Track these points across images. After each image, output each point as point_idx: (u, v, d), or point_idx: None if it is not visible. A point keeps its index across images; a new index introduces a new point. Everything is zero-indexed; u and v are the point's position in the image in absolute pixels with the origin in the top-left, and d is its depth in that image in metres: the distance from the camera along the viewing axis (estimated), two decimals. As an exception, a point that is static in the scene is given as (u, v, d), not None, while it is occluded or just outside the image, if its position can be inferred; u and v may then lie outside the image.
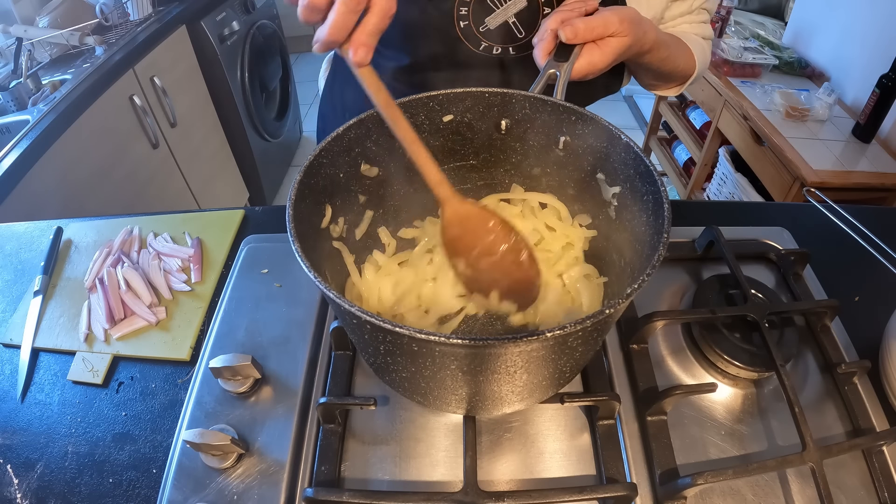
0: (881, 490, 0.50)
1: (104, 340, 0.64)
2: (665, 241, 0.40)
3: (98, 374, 0.60)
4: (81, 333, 0.65)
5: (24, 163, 1.18)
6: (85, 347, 0.63)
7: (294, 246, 0.40)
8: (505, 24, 0.67)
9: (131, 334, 0.64)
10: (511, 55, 0.69)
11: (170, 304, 0.68)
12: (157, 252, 0.73)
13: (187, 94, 1.85)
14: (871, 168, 1.55)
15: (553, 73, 0.56)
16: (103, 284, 0.68)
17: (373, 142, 0.54)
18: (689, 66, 0.73)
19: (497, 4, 0.65)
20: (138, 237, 0.76)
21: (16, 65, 1.43)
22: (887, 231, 0.71)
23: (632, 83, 0.83)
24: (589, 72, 0.57)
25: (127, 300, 0.67)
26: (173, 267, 0.72)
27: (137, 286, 0.68)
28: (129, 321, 0.65)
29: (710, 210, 0.88)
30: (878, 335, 0.60)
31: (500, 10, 0.65)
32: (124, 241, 0.75)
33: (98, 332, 0.65)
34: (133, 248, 0.75)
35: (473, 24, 0.67)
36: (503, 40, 0.68)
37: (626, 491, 0.47)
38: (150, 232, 0.77)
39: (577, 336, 0.38)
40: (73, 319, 0.67)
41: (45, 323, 0.67)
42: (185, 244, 0.75)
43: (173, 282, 0.70)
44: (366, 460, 0.52)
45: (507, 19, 0.66)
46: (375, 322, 0.35)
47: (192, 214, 0.80)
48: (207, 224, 0.77)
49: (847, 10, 1.82)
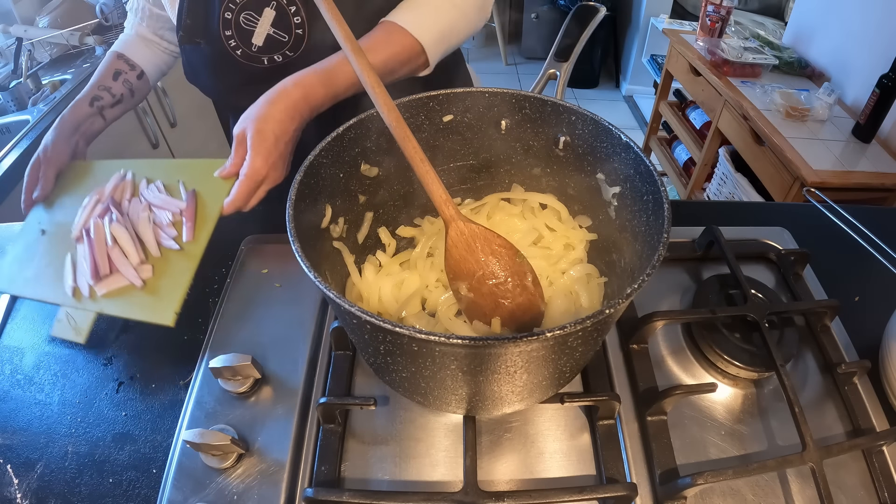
0: (881, 490, 0.50)
1: (89, 296, 0.61)
2: (665, 240, 0.40)
3: (81, 333, 0.58)
4: (68, 287, 0.62)
5: (24, 163, 1.17)
6: (72, 302, 0.60)
7: (294, 246, 0.40)
8: (269, 36, 0.73)
9: (116, 292, 0.61)
10: (291, 56, 0.74)
11: (157, 262, 0.63)
12: (148, 203, 0.68)
13: (187, 94, 1.84)
14: (871, 168, 1.55)
15: (553, 73, 0.56)
16: (89, 237, 0.64)
17: (372, 142, 0.54)
18: (408, 48, 0.68)
19: (252, 25, 0.72)
20: (131, 183, 0.71)
21: (16, 65, 1.43)
22: (887, 231, 0.71)
23: (632, 83, 0.83)
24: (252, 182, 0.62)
25: (113, 257, 0.63)
26: (164, 220, 0.65)
27: (125, 244, 0.64)
28: (115, 278, 0.62)
29: (710, 210, 0.88)
30: (878, 335, 0.60)
31: (258, 29, 0.72)
32: (116, 186, 0.70)
33: (84, 288, 0.62)
34: (125, 195, 0.70)
35: (245, 47, 0.73)
36: (276, 49, 0.73)
37: (626, 491, 0.47)
38: (143, 178, 0.71)
39: (577, 336, 0.38)
40: (60, 270, 0.64)
41: (31, 271, 0.64)
42: (178, 195, 0.68)
43: (163, 238, 0.64)
44: (366, 460, 0.52)
45: (268, 31, 0.72)
46: (375, 322, 0.35)
47: (191, 161, 0.72)
48: (206, 173, 0.68)
49: (847, 10, 1.82)
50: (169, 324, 0.57)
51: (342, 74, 0.64)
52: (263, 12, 0.71)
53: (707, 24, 2.14)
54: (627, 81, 3.29)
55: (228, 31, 0.73)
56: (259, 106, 0.62)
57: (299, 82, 0.63)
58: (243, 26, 0.72)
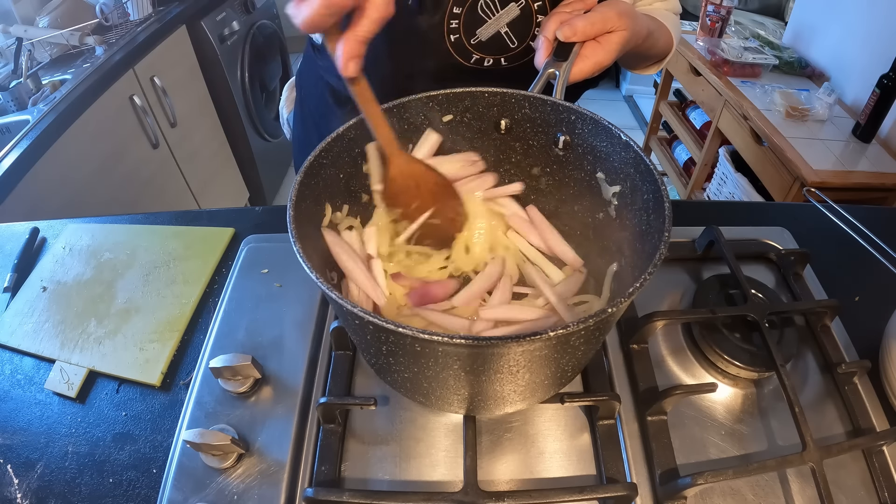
0: (881, 490, 0.50)
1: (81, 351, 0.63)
2: (666, 239, 0.40)
3: (73, 388, 0.60)
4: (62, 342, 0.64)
5: (24, 163, 1.18)
6: (64, 356, 0.63)
7: (296, 247, 0.40)
8: (497, 34, 0.65)
9: None
10: (503, 66, 0.67)
11: None
12: None
13: (187, 94, 1.85)
14: (871, 168, 1.55)
15: (552, 73, 0.56)
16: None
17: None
18: (668, 44, 0.74)
19: (489, 15, 0.63)
20: None
21: (16, 65, 1.43)
22: (887, 231, 0.71)
23: (632, 83, 0.84)
24: (595, 71, 0.57)
25: None
26: None
27: None
28: None
29: (710, 210, 0.88)
30: (878, 335, 0.60)
31: (492, 21, 0.63)
32: None
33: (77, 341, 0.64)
34: None
35: (464, 36, 0.64)
36: (495, 51, 0.66)
37: (626, 491, 0.47)
38: None
39: (579, 335, 0.38)
40: (58, 326, 0.66)
41: (30, 326, 0.66)
42: None
43: None
44: (366, 460, 0.52)
45: (500, 29, 0.64)
46: (378, 322, 0.35)
47: (181, 229, 0.78)
48: (194, 242, 0.76)
49: (847, 10, 1.82)
50: (155, 383, 0.60)
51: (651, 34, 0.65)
52: (508, 6, 0.63)
53: (707, 24, 2.14)
54: (627, 81, 3.29)
55: (459, 8, 0.62)
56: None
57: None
58: (478, 13, 0.63)
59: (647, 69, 0.81)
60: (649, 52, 0.72)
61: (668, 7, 0.78)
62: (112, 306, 0.68)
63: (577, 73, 0.56)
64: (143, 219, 0.81)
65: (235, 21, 1.99)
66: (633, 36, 0.58)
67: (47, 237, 0.79)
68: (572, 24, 0.55)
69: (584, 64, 0.56)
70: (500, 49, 0.66)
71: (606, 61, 0.57)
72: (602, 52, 0.57)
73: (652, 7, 0.77)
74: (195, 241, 0.76)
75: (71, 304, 0.69)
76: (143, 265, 0.73)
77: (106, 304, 0.68)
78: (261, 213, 0.81)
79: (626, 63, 0.80)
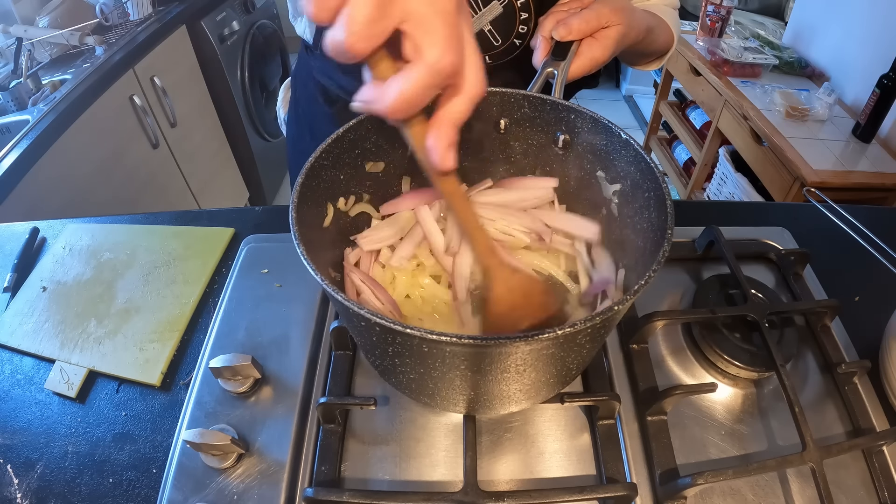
0: (881, 490, 0.50)
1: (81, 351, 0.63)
2: (669, 236, 0.40)
3: (73, 388, 0.60)
4: (62, 342, 0.64)
5: (24, 163, 1.18)
6: (64, 356, 0.63)
7: (299, 249, 0.39)
8: (480, 32, 0.64)
9: None
10: (487, 63, 0.67)
11: None
12: None
13: (187, 94, 1.85)
14: (871, 168, 1.55)
15: (551, 72, 0.56)
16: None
17: (372, 143, 0.54)
18: (669, 40, 0.74)
19: (472, 13, 0.62)
20: None
21: (16, 65, 1.43)
22: (887, 231, 0.71)
23: (632, 83, 0.84)
24: (592, 67, 0.57)
25: None
26: None
27: None
28: None
29: (710, 210, 0.88)
30: (878, 335, 0.60)
31: (474, 19, 0.62)
32: None
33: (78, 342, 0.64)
34: None
35: None
36: None
37: (626, 491, 0.47)
38: None
39: (585, 333, 0.38)
40: (58, 326, 0.66)
41: (30, 325, 0.66)
42: None
43: None
44: (366, 460, 0.52)
45: (483, 27, 0.64)
46: (385, 324, 0.34)
47: (181, 229, 0.78)
48: (194, 242, 0.76)
49: (847, 10, 1.82)
50: (155, 383, 0.60)
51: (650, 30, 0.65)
52: (490, 4, 0.62)
53: (707, 24, 2.14)
54: (627, 81, 3.29)
55: None
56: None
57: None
58: None
59: (648, 65, 0.81)
60: (650, 48, 0.72)
61: (665, 1, 0.78)
62: (112, 306, 0.68)
63: (575, 70, 0.56)
64: (143, 219, 0.81)
65: (235, 21, 1.99)
66: (629, 30, 0.58)
67: (47, 237, 0.79)
68: (567, 22, 0.55)
69: (581, 61, 0.56)
70: (483, 47, 0.66)
71: (603, 57, 0.57)
72: (598, 49, 0.57)
73: (649, 2, 0.77)
74: (195, 241, 0.76)
75: (71, 304, 0.69)
76: (143, 265, 0.73)
77: (106, 304, 0.68)
78: (261, 213, 0.81)
79: (628, 59, 0.80)
